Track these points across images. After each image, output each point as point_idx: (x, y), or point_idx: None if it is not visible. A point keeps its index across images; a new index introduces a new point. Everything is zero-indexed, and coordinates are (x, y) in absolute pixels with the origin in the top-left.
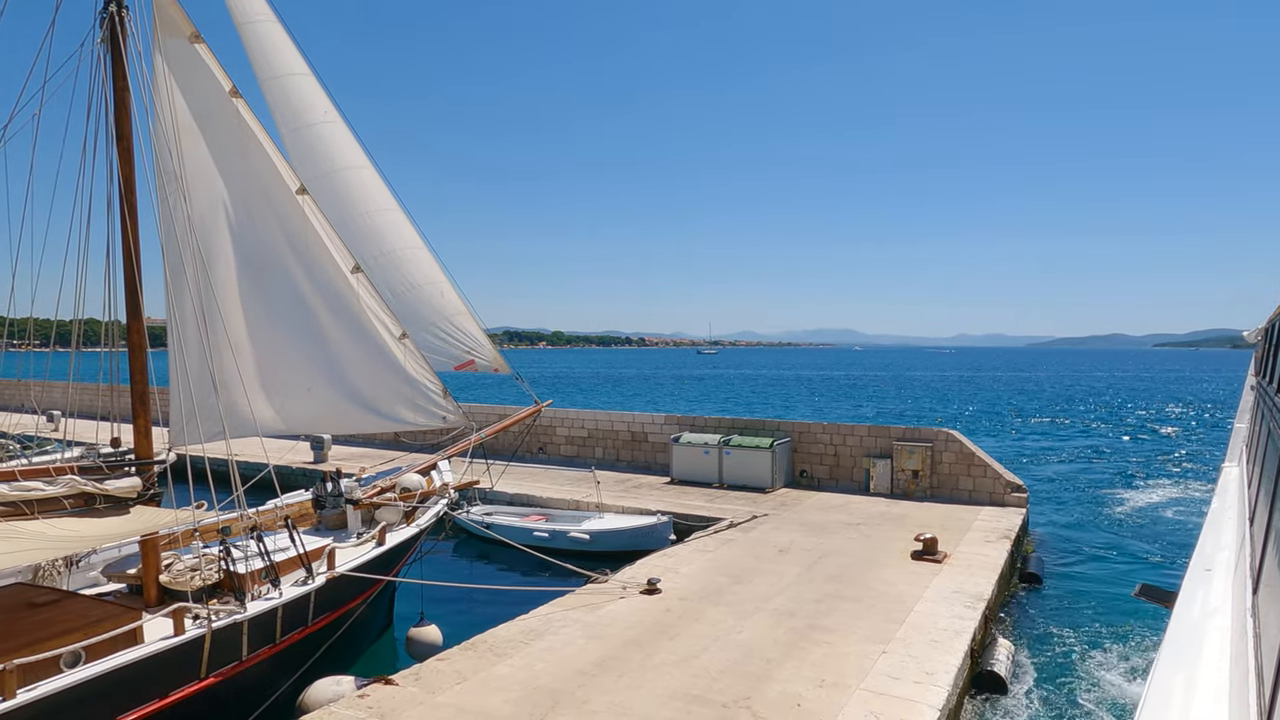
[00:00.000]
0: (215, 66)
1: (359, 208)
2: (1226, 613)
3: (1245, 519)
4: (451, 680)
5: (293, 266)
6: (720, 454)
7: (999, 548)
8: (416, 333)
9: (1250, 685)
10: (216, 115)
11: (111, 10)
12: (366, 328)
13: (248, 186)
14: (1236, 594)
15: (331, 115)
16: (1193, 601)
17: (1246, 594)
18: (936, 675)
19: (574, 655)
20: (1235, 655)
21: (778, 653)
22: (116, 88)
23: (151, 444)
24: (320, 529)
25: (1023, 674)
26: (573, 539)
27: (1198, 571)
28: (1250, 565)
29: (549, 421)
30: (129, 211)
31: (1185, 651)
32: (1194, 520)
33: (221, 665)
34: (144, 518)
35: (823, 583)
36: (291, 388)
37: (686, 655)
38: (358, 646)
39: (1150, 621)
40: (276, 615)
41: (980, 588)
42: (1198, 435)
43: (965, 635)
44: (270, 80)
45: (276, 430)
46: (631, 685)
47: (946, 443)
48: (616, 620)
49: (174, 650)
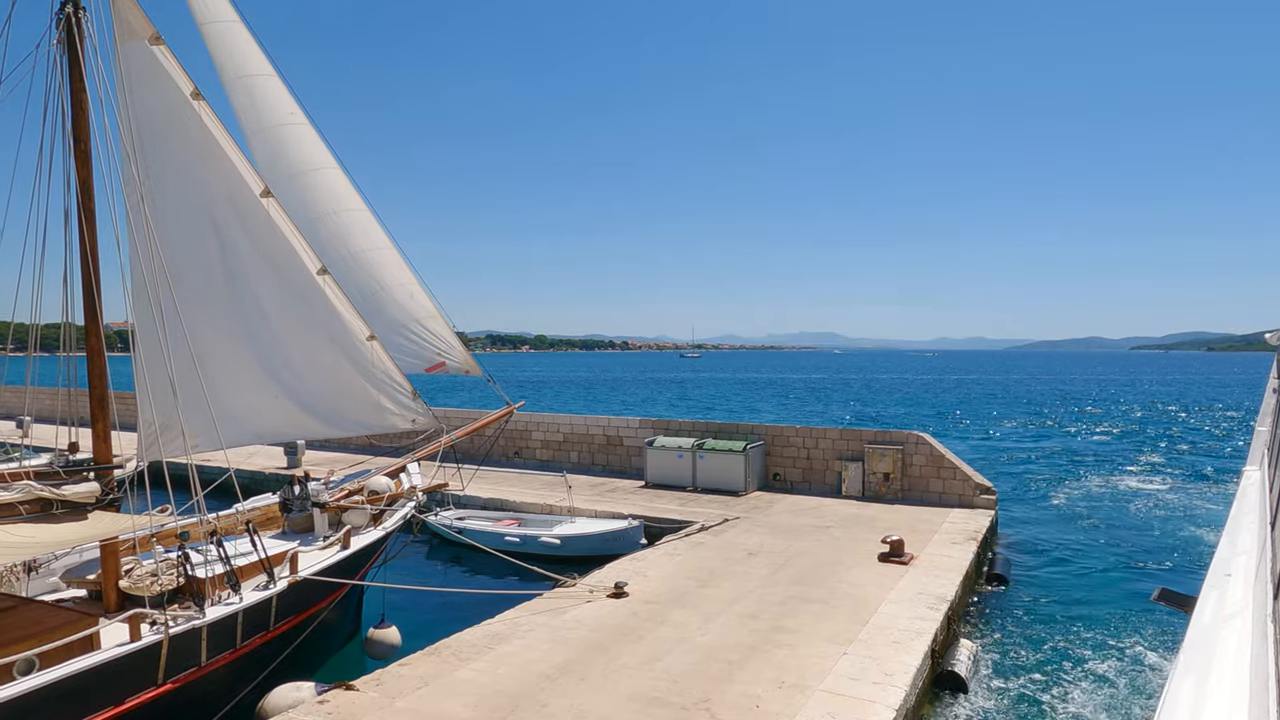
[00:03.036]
0: (176, 69)
1: (326, 208)
2: (1247, 617)
3: (1267, 523)
4: (413, 685)
5: (258, 270)
6: (694, 457)
7: (965, 549)
8: (385, 335)
9: (1270, 691)
10: (178, 118)
11: (68, 11)
12: (334, 330)
13: (211, 190)
14: (1257, 599)
15: (298, 116)
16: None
17: (1268, 599)
18: (895, 675)
19: (537, 659)
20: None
21: (740, 655)
22: (74, 90)
23: (110, 449)
24: (287, 533)
25: (983, 673)
26: (544, 543)
27: (1217, 576)
28: (1271, 570)
29: (524, 425)
30: (86, 216)
31: (1203, 656)
32: (1166, 522)
33: (179, 671)
34: (102, 523)
35: (788, 585)
36: (259, 395)
37: (649, 658)
38: (324, 651)
39: (1113, 622)
40: (237, 620)
41: (944, 589)
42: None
43: (926, 636)
44: (234, 81)
45: (246, 440)
46: (592, 688)
47: (917, 445)
48: (582, 624)
49: (130, 656)
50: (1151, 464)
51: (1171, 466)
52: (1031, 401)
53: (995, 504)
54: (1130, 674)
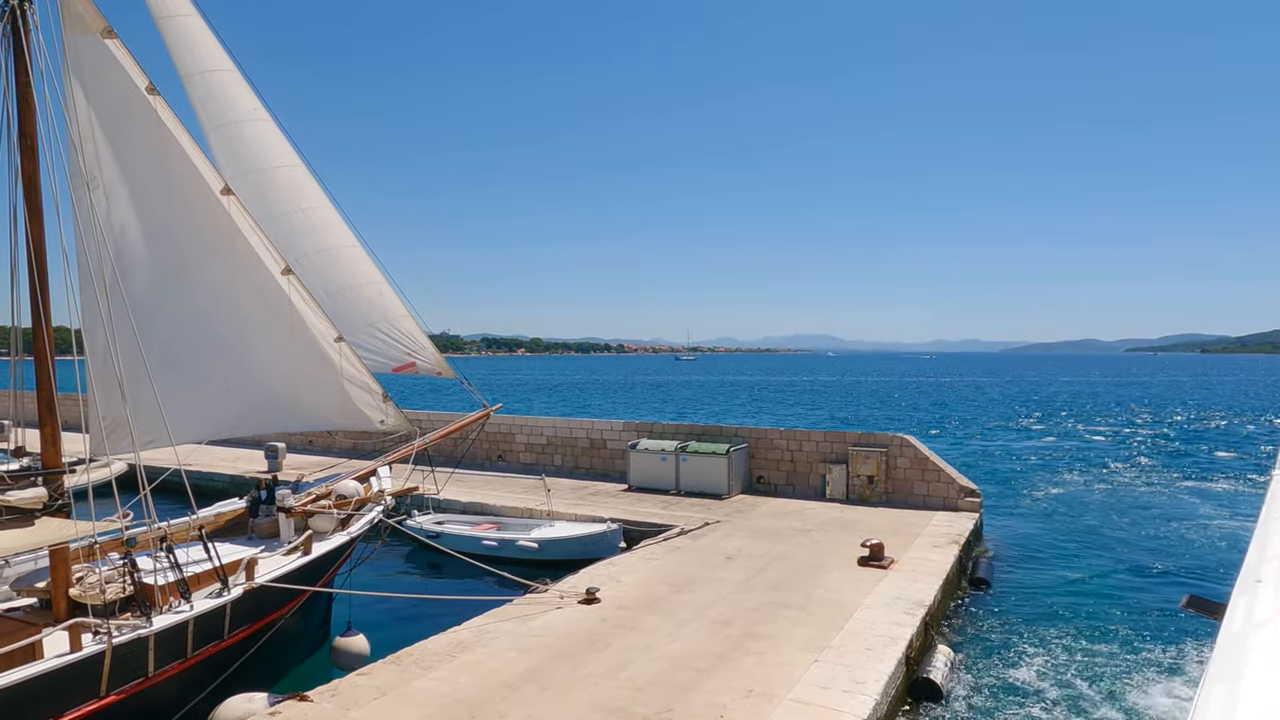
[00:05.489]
0: (129, 62)
1: (290, 206)
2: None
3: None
4: (369, 695)
5: (217, 269)
6: (677, 460)
7: (947, 553)
8: (353, 334)
9: None
10: (132, 113)
11: (13, 3)
12: (299, 331)
13: (168, 186)
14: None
15: (260, 113)
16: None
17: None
18: (866, 684)
19: (500, 668)
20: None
21: (708, 663)
22: (19, 83)
23: (59, 452)
24: (254, 538)
25: (961, 681)
26: (521, 547)
27: (1247, 582)
28: None
29: (508, 428)
30: (31, 213)
31: (1234, 664)
32: (1155, 525)
33: (125, 682)
34: (49, 529)
35: (764, 590)
36: (212, 390)
37: (615, 666)
38: (288, 660)
39: (1097, 627)
40: (187, 629)
41: (923, 594)
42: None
43: (901, 642)
44: (193, 76)
45: (198, 437)
46: (554, 698)
47: (901, 448)
48: (550, 630)
49: (70, 668)
50: (1143, 466)
51: (1166, 469)
52: (1022, 403)
53: (980, 507)
54: (1112, 682)
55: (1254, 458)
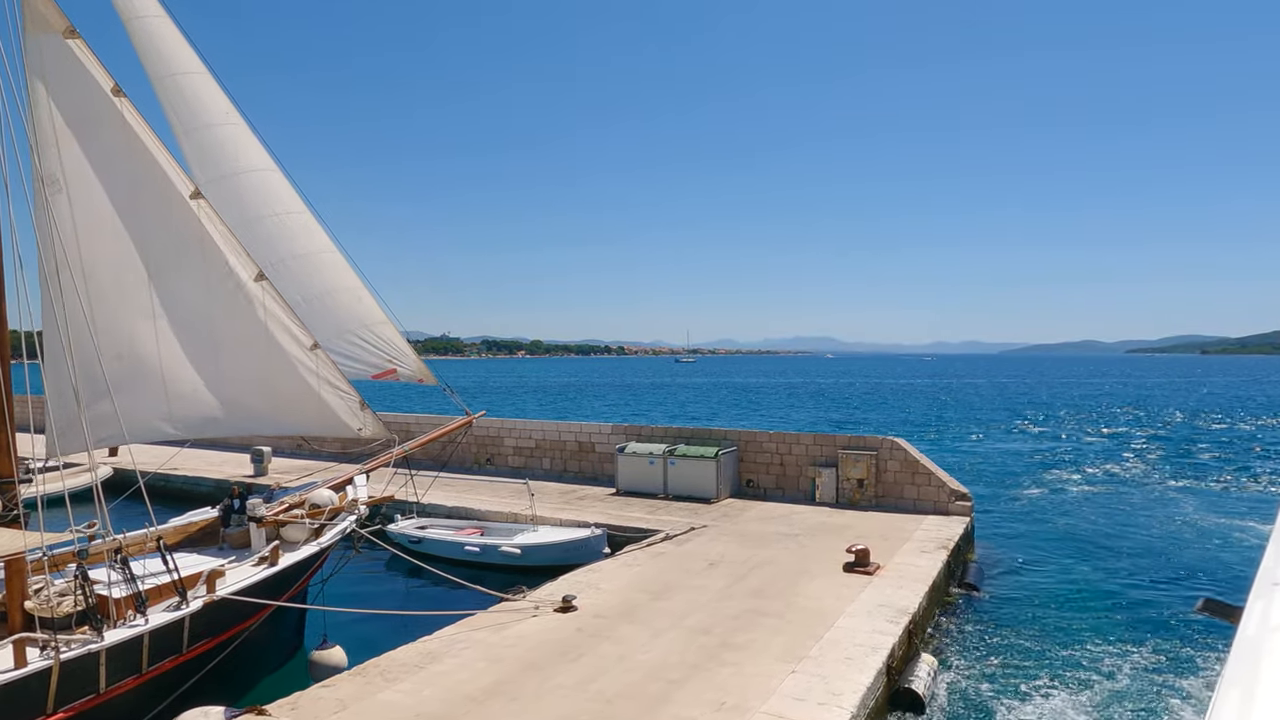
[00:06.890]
0: (94, 64)
1: (264, 210)
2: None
3: None
4: (330, 709)
5: (185, 273)
6: (665, 464)
7: (934, 558)
8: (331, 340)
9: None
10: (98, 115)
11: None
12: (270, 337)
13: (134, 190)
14: None
15: (233, 117)
16: (1258, 617)
17: None
18: (843, 695)
19: (468, 680)
20: None
21: (682, 673)
22: None
23: (12, 462)
24: (224, 548)
25: (944, 691)
26: (504, 553)
27: (1264, 586)
28: None
29: (496, 432)
30: None
31: (1250, 668)
32: (1149, 530)
33: (74, 699)
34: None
35: (745, 598)
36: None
37: (586, 678)
38: (256, 672)
39: (1086, 634)
40: (141, 643)
41: (907, 601)
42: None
43: (883, 651)
44: (164, 79)
45: (157, 436)
46: (520, 711)
47: (891, 451)
48: (522, 640)
49: (14, 685)
50: (1139, 470)
51: (1161, 472)
52: (1019, 405)
53: (971, 510)
54: (1100, 691)
55: (1245, 460)
